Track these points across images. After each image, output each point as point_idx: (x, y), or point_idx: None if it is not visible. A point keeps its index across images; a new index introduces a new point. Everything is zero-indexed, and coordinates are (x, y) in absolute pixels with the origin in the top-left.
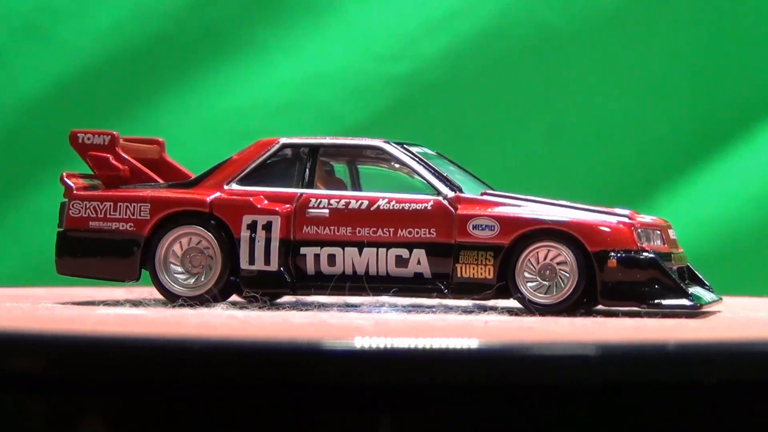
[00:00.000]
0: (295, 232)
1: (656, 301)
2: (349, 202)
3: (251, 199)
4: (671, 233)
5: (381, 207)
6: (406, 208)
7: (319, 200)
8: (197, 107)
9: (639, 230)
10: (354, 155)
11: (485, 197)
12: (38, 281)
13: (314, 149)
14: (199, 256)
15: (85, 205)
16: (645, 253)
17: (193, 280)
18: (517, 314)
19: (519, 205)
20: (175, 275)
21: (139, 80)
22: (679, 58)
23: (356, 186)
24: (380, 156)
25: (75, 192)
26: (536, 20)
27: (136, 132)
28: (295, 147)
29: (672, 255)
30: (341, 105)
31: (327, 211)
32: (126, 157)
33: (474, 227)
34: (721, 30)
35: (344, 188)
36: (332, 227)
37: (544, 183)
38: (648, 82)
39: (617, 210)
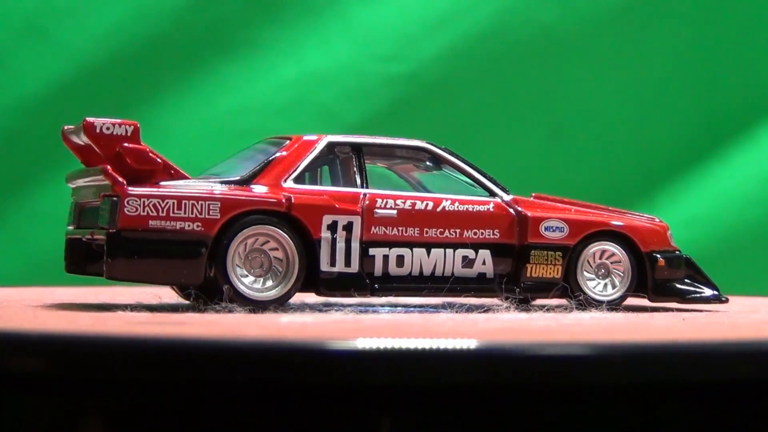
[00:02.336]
0: (364, 232)
1: (693, 296)
2: (415, 203)
3: (330, 198)
4: None
5: (446, 208)
6: (470, 209)
7: (385, 200)
8: (197, 107)
9: (670, 232)
10: (392, 155)
11: (541, 201)
12: (38, 281)
13: (357, 148)
14: (261, 257)
15: (143, 202)
16: (681, 253)
17: (260, 283)
18: (517, 313)
19: (570, 209)
20: (242, 278)
21: (139, 80)
22: (680, 59)
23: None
24: (418, 156)
25: (130, 188)
26: (536, 20)
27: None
28: (339, 145)
29: None
30: (341, 105)
31: (395, 211)
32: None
33: (546, 229)
34: (721, 30)
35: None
36: (401, 228)
37: (545, 183)
38: (648, 82)
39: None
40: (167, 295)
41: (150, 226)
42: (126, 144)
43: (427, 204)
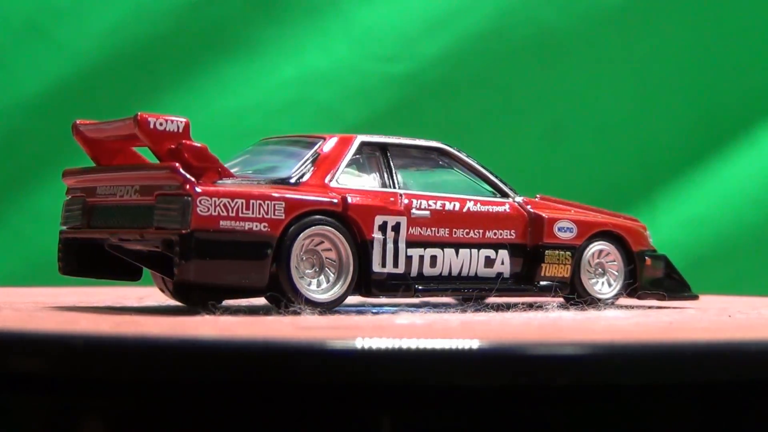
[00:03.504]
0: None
1: (674, 293)
2: (445, 204)
3: (381, 198)
4: None
5: (471, 209)
6: (491, 210)
7: (419, 201)
8: (197, 107)
9: (648, 232)
10: (410, 155)
11: (548, 202)
12: (39, 281)
13: (383, 148)
14: (313, 258)
15: (215, 202)
16: (659, 252)
17: (314, 284)
18: (517, 313)
19: (569, 210)
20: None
21: (139, 80)
22: (680, 59)
23: None
24: (430, 156)
25: (202, 188)
26: (536, 20)
27: None
28: (369, 145)
29: None
30: (341, 105)
31: (429, 212)
32: None
33: (559, 229)
34: (721, 30)
35: None
36: (433, 228)
37: (544, 183)
38: (648, 82)
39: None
40: (157, 295)
41: (221, 226)
42: (185, 141)
43: (454, 205)
